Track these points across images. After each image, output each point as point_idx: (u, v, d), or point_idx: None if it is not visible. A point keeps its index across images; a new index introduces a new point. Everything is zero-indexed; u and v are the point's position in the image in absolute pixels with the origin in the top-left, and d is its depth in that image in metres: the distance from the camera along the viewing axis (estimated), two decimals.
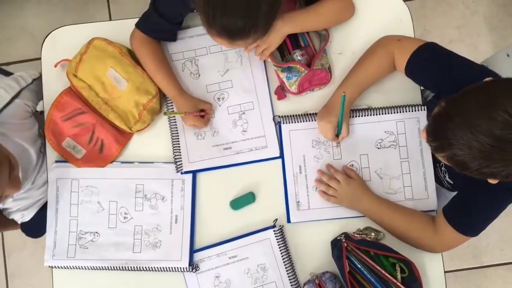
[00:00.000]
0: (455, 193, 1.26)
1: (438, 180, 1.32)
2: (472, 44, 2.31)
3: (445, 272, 1.32)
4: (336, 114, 1.25)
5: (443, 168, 1.30)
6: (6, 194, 1.13)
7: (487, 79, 0.97)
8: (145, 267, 1.31)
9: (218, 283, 1.31)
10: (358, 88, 1.27)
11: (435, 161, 1.31)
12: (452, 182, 1.29)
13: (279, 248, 1.30)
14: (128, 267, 1.31)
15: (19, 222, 1.59)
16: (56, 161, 1.37)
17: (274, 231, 1.31)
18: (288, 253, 1.31)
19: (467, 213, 1.18)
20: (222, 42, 1.12)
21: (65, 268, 1.33)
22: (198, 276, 1.31)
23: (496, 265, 2.27)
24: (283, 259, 1.30)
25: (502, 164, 0.89)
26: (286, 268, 1.30)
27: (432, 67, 1.19)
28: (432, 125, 0.98)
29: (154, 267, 1.31)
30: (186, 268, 1.30)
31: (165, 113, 1.32)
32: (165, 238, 1.32)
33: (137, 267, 1.31)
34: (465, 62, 1.16)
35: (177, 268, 1.30)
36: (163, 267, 1.31)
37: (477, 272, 2.26)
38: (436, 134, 0.96)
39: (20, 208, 1.53)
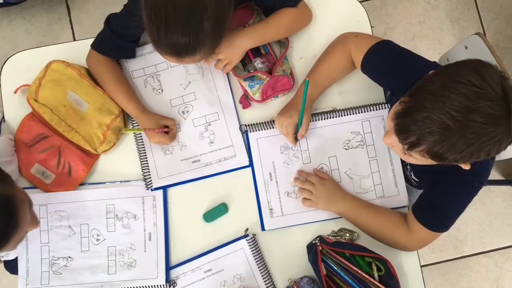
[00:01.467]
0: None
1: (406, 179, 1.33)
2: (436, 38, 2.34)
3: (421, 266, 1.33)
4: (297, 109, 1.25)
5: (408, 167, 1.31)
6: (27, 230, 1.10)
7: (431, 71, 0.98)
8: None
9: None
10: (318, 86, 1.28)
11: (402, 160, 1.32)
12: (418, 180, 1.30)
13: (254, 256, 1.30)
14: None
15: (2, 259, 1.55)
16: (24, 188, 1.34)
17: (247, 240, 1.30)
18: (263, 261, 1.31)
19: (435, 210, 1.19)
20: (171, 60, 1.13)
21: None
22: None
23: (477, 253, 2.29)
24: (258, 267, 1.29)
25: (487, 139, 0.89)
26: (262, 276, 1.29)
27: (386, 64, 1.20)
28: (400, 123, 0.96)
29: (131, 287, 1.29)
30: (163, 285, 1.29)
31: (121, 131, 1.31)
32: (140, 257, 1.31)
33: None
34: (418, 59, 1.18)
35: (154, 286, 1.29)
36: (140, 287, 1.29)
37: (459, 262, 2.29)
38: (406, 132, 0.95)
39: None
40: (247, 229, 1.31)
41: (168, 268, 1.30)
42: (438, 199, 1.18)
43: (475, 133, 0.89)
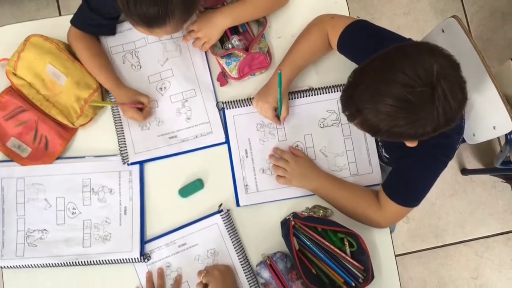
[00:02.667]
0: None
1: (378, 156, 1.35)
2: (420, 28, 2.36)
3: (402, 254, 1.34)
4: (272, 94, 1.27)
5: (380, 144, 1.33)
6: None
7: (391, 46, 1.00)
8: (96, 261, 1.30)
9: (170, 272, 1.31)
10: (295, 67, 1.29)
11: (376, 138, 1.34)
12: (388, 156, 1.32)
13: (228, 232, 1.31)
14: (78, 261, 1.30)
15: None
16: (0, 161, 1.35)
17: (221, 215, 1.31)
18: (237, 236, 1.32)
19: (404, 184, 1.21)
20: (142, 31, 1.15)
21: (14, 267, 1.31)
22: (149, 268, 1.31)
23: (458, 242, 2.31)
24: (232, 242, 1.31)
25: (407, 122, 0.94)
26: (236, 251, 1.30)
27: (362, 42, 1.22)
28: (343, 96, 1.03)
29: (105, 260, 1.30)
30: (138, 258, 1.30)
31: (91, 102, 1.32)
32: (115, 231, 1.32)
33: (87, 261, 1.30)
34: (394, 37, 1.19)
35: (129, 259, 1.30)
36: (114, 259, 1.30)
37: (440, 251, 2.31)
38: (347, 104, 1.01)
39: None
40: (221, 205, 1.32)
41: (143, 242, 1.31)
42: (406, 173, 1.20)
43: (394, 117, 0.94)
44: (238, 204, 1.33)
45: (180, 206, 1.34)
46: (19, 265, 1.30)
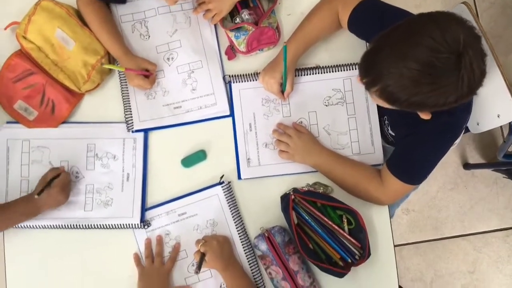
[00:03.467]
0: None
1: (383, 135, 1.35)
2: None
3: (400, 245, 1.35)
4: (279, 70, 1.28)
5: (386, 122, 1.33)
6: None
7: None
8: (97, 225, 1.31)
9: (168, 240, 1.32)
10: (302, 43, 1.30)
11: (380, 116, 1.34)
12: (394, 134, 1.32)
13: (228, 203, 1.32)
14: (79, 225, 1.31)
15: None
16: (7, 122, 1.37)
17: (222, 187, 1.32)
18: (237, 208, 1.33)
19: (409, 162, 1.22)
20: None
21: (16, 227, 1.32)
22: (148, 234, 1.32)
23: (457, 236, 2.32)
24: (232, 214, 1.31)
25: (430, 89, 0.93)
26: (235, 223, 1.31)
27: (373, 20, 1.22)
28: (363, 61, 1.01)
29: (106, 224, 1.31)
30: (138, 224, 1.31)
31: (102, 64, 1.32)
32: (116, 196, 1.33)
33: (88, 225, 1.31)
34: (405, 13, 1.19)
35: (129, 224, 1.31)
36: (114, 224, 1.31)
37: (438, 243, 2.31)
38: (367, 69, 1.00)
39: None
40: (222, 176, 1.33)
41: (144, 209, 1.33)
42: (412, 151, 1.20)
43: (417, 83, 0.92)
44: (239, 177, 1.34)
45: (182, 175, 1.35)
46: (21, 225, 1.32)
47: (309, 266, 1.30)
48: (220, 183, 1.33)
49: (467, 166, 2.30)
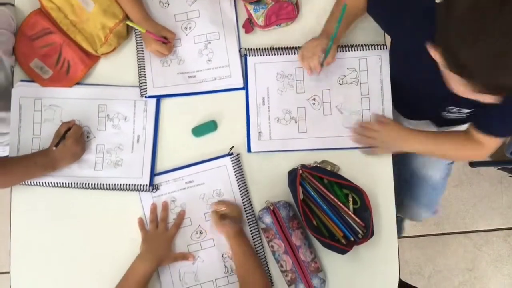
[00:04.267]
0: None
1: (452, 121, 1.35)
2: None
3: (400, 237, 1.35)
4: (328, 38, 1.24)
5: (455, 110, 1.28)
6: None
7: None
8: (106, 185, 1.32)
9: (174, 206, 1.33)
10: (345, 22, 1.27)
11: (443, 109, 1.31)
12: (471, 110, 1.26)
13: (235, 175, 1.32)
14: (88, 184, 1.32)
15: None
16: (21, 80, 1.38)
17: (230, 158, 1.33)
18: (244, 180, 1.33)
19: (496, 117, 1.17)
20: None
21: (25, 184, 1.33)
22: (154, 200, 1.33)
23: (458, 233, 2.32)
24: (238, 185, 1.32)
25: None
26: (241, 194, 1.32)
27: (390, 3, 1.21)
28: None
29: (115, 185, 1.32)
30: (147, 186, 1.32)
31: (126, 21, 1.33)
32: (126, 157, 1.34)
33: (98, 184, 1.32)
34: None
35: (138, 186, 1.32)
36: (123, 185, 1.32)
37: (439, 239, 2.31)
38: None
39: (3, 143, 1.53)
40: (232, 147, 1.34)
41: (153, 171, 1.33)
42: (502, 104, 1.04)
43: None
44: (249, 150, 1.35)
45: (192, 144, 1.36)
46: (31, 182, 1.33)
47: (311, 242, 1.31)
48: (229, 154, 1.33)
49: (473, 164, 2.30)
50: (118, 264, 1.27)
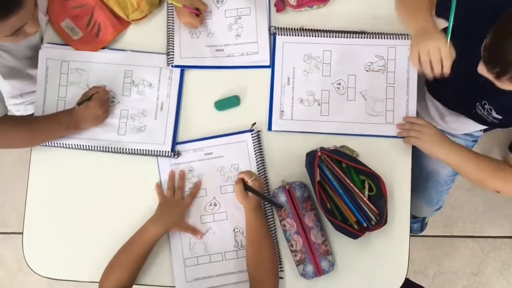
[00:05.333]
0: None
1: (479, 118, 1.33)
2: None
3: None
4: (439, 31, 1.13)
5: (486, 106, 1.28)
6: (28, 31, 1.12)
7: None
8: (128, 149, 1.34)
9: (191, 176, 1.34)
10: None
11: (475, 103, 1.29)
12: (500, 117, 1.27)
13: (254, 151, 1.33)
14: (111, 147, 1.33)
15: (18, 114, 1.60)
16: (48, 43, 1.39)
17: (251, 134, 1.33)
18: (262, 157, 1.34)
19: None
20: None
21: (46, 145, 1.35)
22: (172, 167, 1.34)
23: (466, 236, 2.30)
24: (256, 162, 1.33)
25: None
26: (258, 171, 1.32)
27: None
28: (489, 54, 0.97)
29: (137, 149, 1.33)
30: (168, 152, 1.33)
31: None
32: (149, 123, 1.35)
33: (120, 148, 1.33)
34: None
35: (160, 152, 1.33)
36: (145, 150, 1.33)
37: (446, 241, 2.30)
38: (497, 58, 0.95)
39: (25, 102, 1.55)
40: (254, 124, 1.34)
41: (175, 138, 1.35)
42: None
43: None
44: (269, 128, 1.35)
45: (213, 117, 1.37)
46: (54, 144, 1.34)
47: (323, 225, 1.31)
48: (250, 131, 1.34)
49: None
50: (130, 229, 1.28)
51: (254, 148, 1.33)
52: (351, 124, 1.35)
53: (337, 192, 1.28)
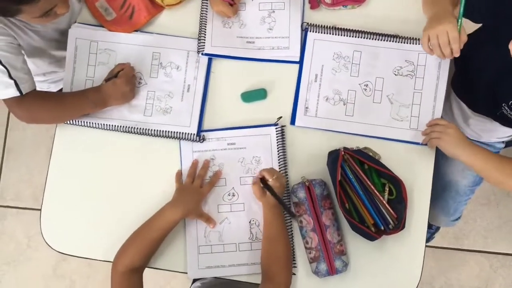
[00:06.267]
0: None
1: (505, 120, 1.31)
2: None
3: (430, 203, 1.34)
4: (453, 15, 1.16)
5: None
6: (59, 12, 1.15)
7: None
8: (154, 130, 1.34)
9: (212, 165, 1.34)
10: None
11: (501, 103, 1.27)
12: None
13: (277, 146, 1.33)
14: (137, 128, 1.34)
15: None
16: (78, 22, 1.40)
17: (276, 128, 1.33)
18: (284, 152, 1.34)
19: None
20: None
21: (74, 124, 1.37)
22: (194, 155, 1.34)
23: (476, 251, 2.29)
24: (278, 157, 1.33)
25: None
26: (279, 166, 1.33)
27: None
28: None
29: (163, 131, 1.34)
30: (194, 135, 1.34)
31: None
32: (176, 105, 1.35)
33: (146, 129, 1.34)
34: None
35: (185, 134, 1.33)
36: (171, 132, 1.34)
37: (456, 253, 2.29)
38: None
39: (49, 80, 1.56)
40: (280, 117, 1.34)
41: (201, 122, 1.35)
42: None
43: None
44: (292, 123, 1.35)
45: (239, 108, 1.37)
46: (81, 122, 1.36)
47: (340, 225, 1.31)
48: (275, 125, 1.34)
49: None
50: (146, 212, 1.28)
51: (277, 143, 1.33)
52: (374, 127, 1.35)
53: (357, 193, 1.28)
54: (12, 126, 2.35)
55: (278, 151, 1.33)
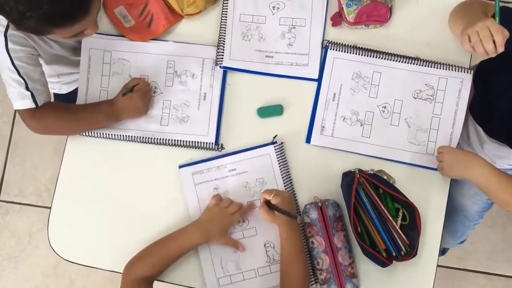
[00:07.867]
0: None
1: None
2: None
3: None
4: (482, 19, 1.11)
5: None
6: (85, 33, 1.17)
7: None
8: (171, 140, 1.33)
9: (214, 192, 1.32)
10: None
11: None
12: None
13: (279, 164, 1.31)
14: (154, 138, 1.33)
15: (53, 92, 1.61)
16: (97, 33, 1.37)
17: (274, 147, 1.32)
18: (287, 170, 1.32)
19: None
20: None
21: (86, 135, 1.35)
22: (196, 188, 1.31)
23: (479, 272, 2.27)
24: (282, 175, 1.31)
25: None
26: (285, 184, 1.30)
27: None
28: None
29: (181, 141, 1.33)
30: (212, 144, 1.32)
31: None
32: (193, 114, 1.34)
33: (163, 139, 1.33)
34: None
35: (204, 143, 1.32)
36: (189, 141, 1.32)
37: (458, 273, 2.27)
38: None
39: (62, 81, 1.55)
40: (275, 136, 1.32)
41: (219, 130, 1.34)
42: None
43: None
44: (308, 141, 1.34)
45: (254, 123, 1.35)
46: (96, 134, 1.34)
47: (352, 248, 1.29)
48: (272, 143, 1.32)
49: None
50: (156, 225, 1.28)
51: (278, 161, 1.31)
52: (390, 150, 1.33)
53: (370, 217, 1.26)
54: (19, 120, 2.32)
55: (280, 169, 1.31)
